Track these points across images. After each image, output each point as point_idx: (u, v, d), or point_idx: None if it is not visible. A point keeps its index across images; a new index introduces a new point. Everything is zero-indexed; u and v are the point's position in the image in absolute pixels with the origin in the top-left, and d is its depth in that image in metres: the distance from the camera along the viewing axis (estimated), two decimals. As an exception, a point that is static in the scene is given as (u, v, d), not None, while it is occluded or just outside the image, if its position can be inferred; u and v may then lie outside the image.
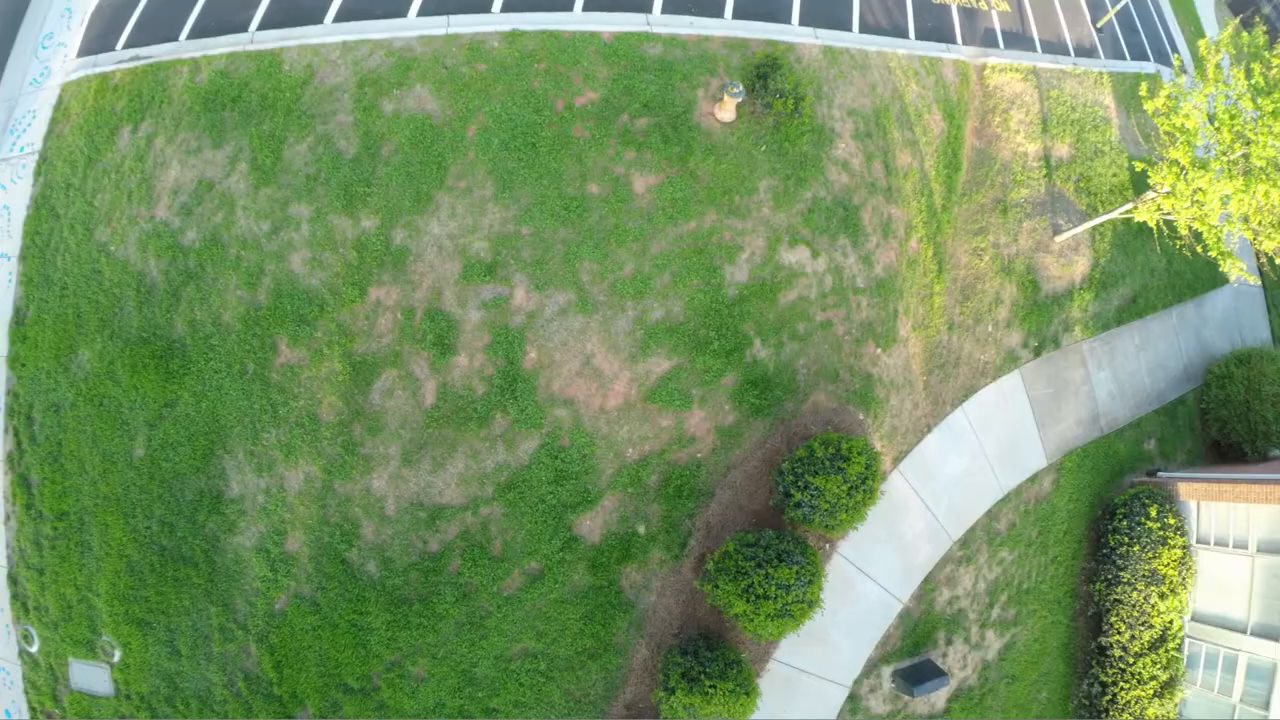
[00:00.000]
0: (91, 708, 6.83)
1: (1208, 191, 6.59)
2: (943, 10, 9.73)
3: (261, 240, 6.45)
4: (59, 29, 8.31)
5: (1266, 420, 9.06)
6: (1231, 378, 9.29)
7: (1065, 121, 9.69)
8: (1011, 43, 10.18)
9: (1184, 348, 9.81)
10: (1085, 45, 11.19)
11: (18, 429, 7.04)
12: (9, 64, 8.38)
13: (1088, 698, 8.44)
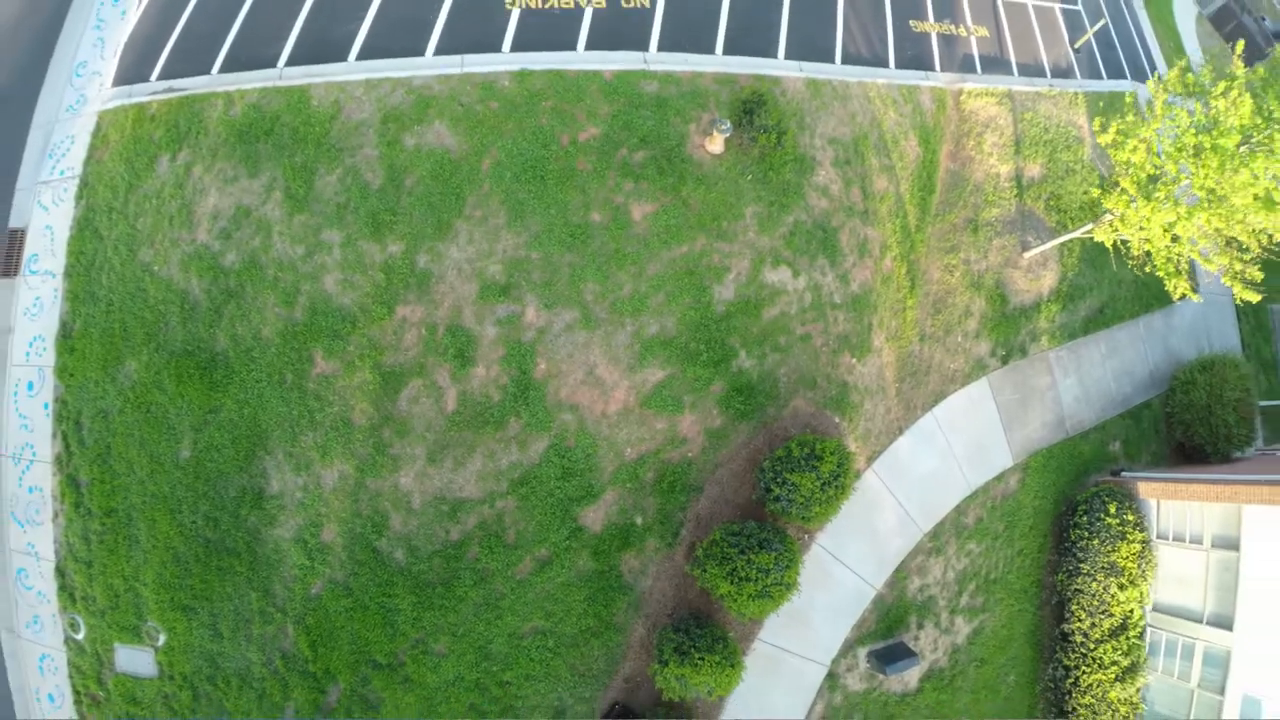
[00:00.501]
0: (136, 688, 8.05)
1: (1151, 220, 7.91)
2: (922, 39, 11.09)
3: (297, 263, 7.71)
4: (92, 58, 9.56)
5: (1228, 424, 10.42)
6: (1195, 383, 10.64)
7: (1038, 142, 11.06)
8: (989, 67, 11.56)
9: (1150, 355, 11.18)
10: (1062, 66, 12.58)
11: (66, 433, 8.27)
12: (43, 90, 9.63)
13: (1053, 681, 9.77)
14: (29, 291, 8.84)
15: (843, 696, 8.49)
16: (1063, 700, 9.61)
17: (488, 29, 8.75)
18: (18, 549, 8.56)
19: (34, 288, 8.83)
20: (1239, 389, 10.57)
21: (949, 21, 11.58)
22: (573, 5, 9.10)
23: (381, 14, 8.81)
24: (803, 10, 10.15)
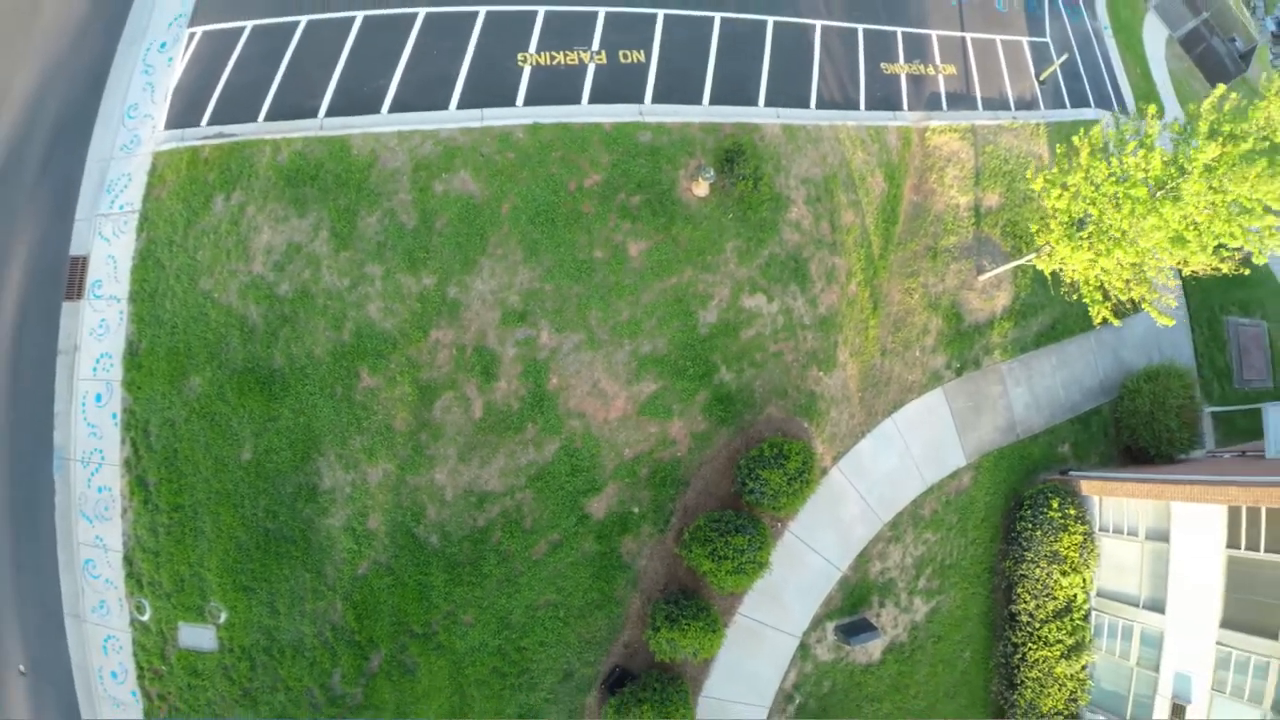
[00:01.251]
0: (197, 662, 10.35)
1: (1069, 258, 10.31)
2: (892, 80, 13.59)
3: (344, 293, 10.05)
4: (143, 101, 11.90)
5: (1170, 429, 12.87)
6: (1140, 392, 13.11)
7: (997, 174, 13.55)
8: (955, 103, 14.06)
9: (1100, 366, 13.67)
10: (1027, 98, 15.10)
11: (135, 439, 10.55)
12: (96, 129, 11.96)
13: (1004, 656, 12.20)
14: (94, 314, 11.15)
15: (813, 665, 10.90)
16: (1013, 674, 12.06)
17: (503, 84, 11.16)
18: (85, 542, 10.85)
19: (99, 310, 11.14)
20: (1182, 397, 13.04)
21: (919, 62, 14.09)
22: (576, 62, 11.53)
23: (409, 70, 11.20)
24: (781, 59, 12.63)
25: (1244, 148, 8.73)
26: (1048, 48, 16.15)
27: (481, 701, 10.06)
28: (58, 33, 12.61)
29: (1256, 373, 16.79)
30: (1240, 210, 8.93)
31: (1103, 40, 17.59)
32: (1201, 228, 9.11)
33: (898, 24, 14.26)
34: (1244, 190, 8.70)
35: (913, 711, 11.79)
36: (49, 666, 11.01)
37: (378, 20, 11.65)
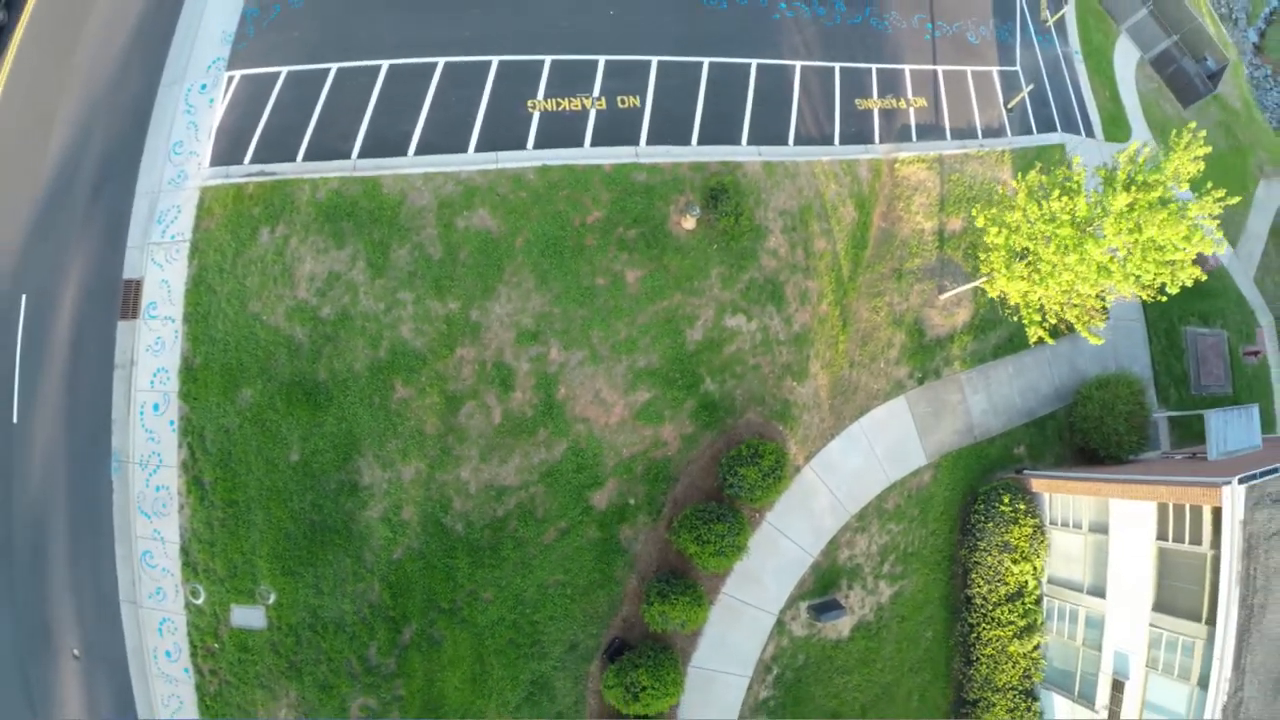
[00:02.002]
0: (247, 639, 13.09)
1: (1006, 287, 13.13)
2: (866, 115, 16.49)
3: (379, 316, 12.83)
4: (187, 139, 14.69)
5: (1118, 432, 15.73)
6: (1091, 398, 16.00)
7: (961, 200, 16.46)
8: (924, 134, 16.97)
9: (1056, 374, 16.57)
10: (994, 126, 18.03)
11: (191, 443, 13.29)
12: (142, 164, 14.73)
13: (961, 636, 15.08)
14: (150, 332, 13.92)
15: (789, 640, 13.76)
16: (970, 651, 14.93)
17: (514, 129, 14.00)
18: (144, 536, 13.60)
19: (154, 329, 13.91)
20: (1131, 403, 15.92)
21: (891, 96, 17.00)
22: (580, 107, 14.39)
23: (431, 116, 14.01)
24: (763, 99, 15.51)
25: (1154, 195, 11.52)
26: (1017, 76, 19.10)
27: (499, 669, 12.87)
28: (97, 69, 15.42)
29: (1215, 379, 19.80)
30: (1154, 247, 11.69)
31: (1073, 65, 20.56)
32: (1122, 262, 11.87)
33: (873, 61, 17.18)
34: (1154, 232, 11.48)
35: (880, 684, 14.68)
36: (104, 649, 13.78)
37: (402, 69, 14.48)
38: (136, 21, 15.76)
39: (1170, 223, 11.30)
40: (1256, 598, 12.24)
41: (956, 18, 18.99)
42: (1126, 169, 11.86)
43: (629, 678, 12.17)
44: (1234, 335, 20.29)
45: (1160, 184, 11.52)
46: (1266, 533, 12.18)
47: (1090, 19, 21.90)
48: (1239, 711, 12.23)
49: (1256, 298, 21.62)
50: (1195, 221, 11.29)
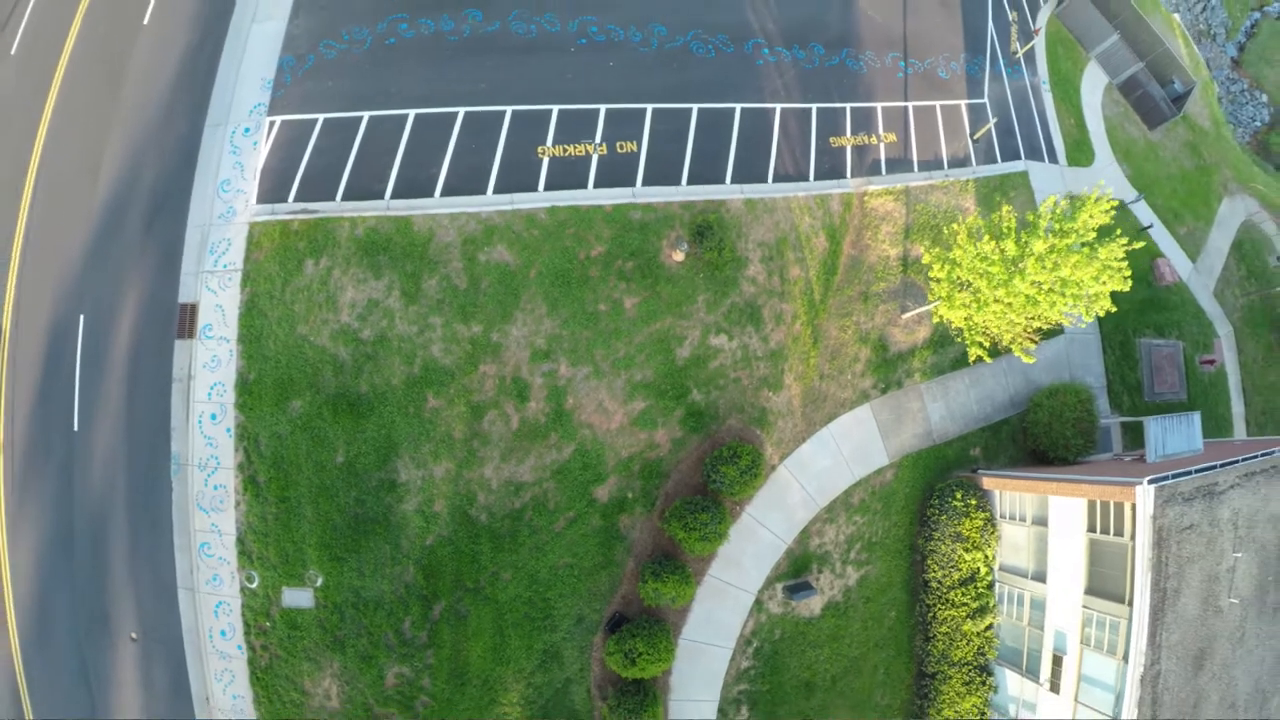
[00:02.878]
0: (296, 617, 17.04)
1: (948, 313, 17.17)
2: (839, 151, 20.55)
3: (413, 338, 16.80)
4: (234, 178, 18.66)
5: (1066, 437, 19.79)
6: (1041, 406, 20.09)
7: (925, 227, 20.52)
8: (893, 167, 21.03)
9: (1011, 384, 20.64)
10: (960, 157, 22.12)
11: (247, 448, 17.22)
12: (193, 200, 18.70)
13: (921, 616, 19.13)
14: (205, 350, 17.86)
15: (766, 616, 17.78)
16: (928, 629, 18.99)
17: (527, 173, 18.01)
18: (202, 529, 17.53)
19: (210, 349, 17.86)
20: (1078, 410, 19.97)
21: (863, 133, 21.06)
22: (584, 153, 18.41)
23: (454, 162, 17.99)
24: (746, 142, 19.55)
25: (1068, 241, 15.45)
26: (985, 108, 23.22)
27: (516, 640, 16.87)
28: (142, 111, 19.41)
29: (1169, 386, 23.97)
30: (1070, 284, 15.61)
31: (1039, 94, 24.68)
32: (1045, 295, 15.77)
33: (847, 100, 21.25)
34: (1068, 272, 15.40)
35: (848, 657, 18.74)
36: (160, 631, 17.73)
37: (427, 117, 18.47)
38: (177, 66, 19.78)
39: (1082, 264, 15.29)
40: (1170, 583, 16.23)
41: (928, 54, 23.11)
42: (1047, 218, 15.82)
43: (627, 645, 16.15)
44: (1190, 346, 24.46)
45: (1073, 231, 15.47)
46: (1178, 527, 16.19)
47: (1059, 48, 26.06)
48: (1157, 682, 16.24)
49: (1216, 310, 25.80)
50: (1105, 262, 15.26)
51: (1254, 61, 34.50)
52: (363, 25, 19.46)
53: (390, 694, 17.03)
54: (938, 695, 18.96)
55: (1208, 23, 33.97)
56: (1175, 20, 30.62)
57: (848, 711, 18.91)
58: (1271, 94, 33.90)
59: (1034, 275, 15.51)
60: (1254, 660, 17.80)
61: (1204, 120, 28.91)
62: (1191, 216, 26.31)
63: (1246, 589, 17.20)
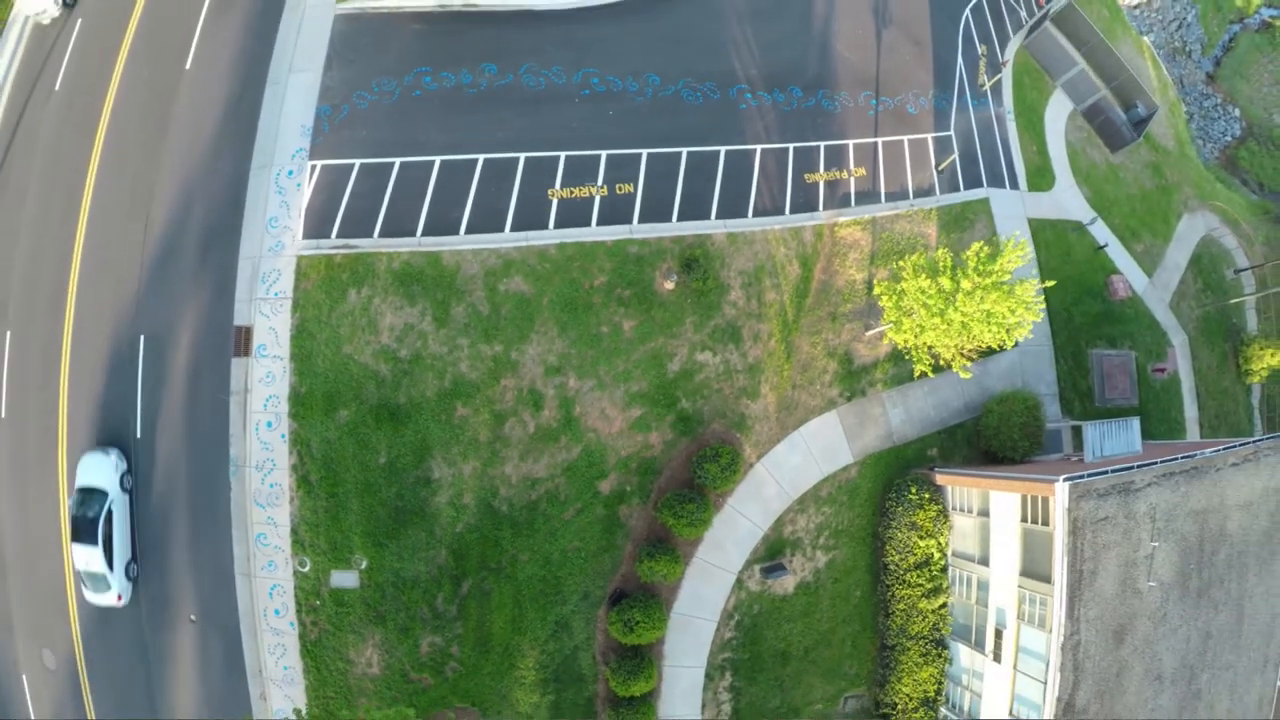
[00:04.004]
0: (343, 596, 23.08)
1: (894, 335, 23.37)
2: (812, 186, 26.68)
3: (444, 356, 22.89)
4: (280, 215, 24.70)
5: (1014, 439, 26.02)
6: (992, 411, 26.32)
7: (889, 253, 26.67)
8: (862, 199, 27.16)
9: (966, 392, 26.80)
10: (925, 187, 28.28)
11: (300, 451, 23.24)
12: (243, 234, 24.72)
13: (881, 595, 25.32)
14: (261, 367, 23.87)
15: (746, 594, 23.93)
16: (887, 607, 25.16)
17: (539, 213, 24.07)
18: (258, 522, 23.55)
19: (265, 366, 23.87)
20: (1025, 415, 26.15)
21: (835, 169, 27.17)
22: (588, 195, 24.48)
23: (475, 203, 24.02)
24: (729, 180, 25.65)
25: (990, 280, 21.51)
26: (950, 140, 29.38)
27: (532, 612, 22.96)
28: (189, 154, 25.46)
29: (1120, 393, 30.21)
30: (992, 315, 21.67)
31: (1004, 124, 30.85)
32: (975, 323, 21.82)
33: (821, 139, 27.34)
34: (990, 306, 21.46)
35: (819, 631, 24.88)
36: (218, 612, 23.78)
37: (451, 163, 24.49)
38: (221, 110, 25.84)
39: (1001, 300, 21.38)
40: (1086, 565, 22.26)
41: (899, 91, 29.27)
42: (973, 261, 21.87)
43: (627, 616, 22.22)
44: (1143, 355, 30.71)
45: (993, 273, 21.53)
46: (1093, 518, 22.21)
47: (1026, 78, 32.27)
48: (1078, 651, 22.28)
49: (1171, 321, 32.05)
50: (1020, 299, 21.31)
51: (1229, 76, 40.78)
52: (391, 78, 25.47)
53: (424, 660, 23.08)
54: (898, 665, 25.09)
55: (1183, 40, 40.20)
56: (1145, 43, 36.89)
57: (819, 679, 25.07)
58: (1244, 108, 40.18)
59: (964, 307, 21.60)
60: (1179, 639, 23.89)
61: (1168, 141, 35.19)
62: (1149, 234, 32.55)
63: (1167, 574, 23.28)
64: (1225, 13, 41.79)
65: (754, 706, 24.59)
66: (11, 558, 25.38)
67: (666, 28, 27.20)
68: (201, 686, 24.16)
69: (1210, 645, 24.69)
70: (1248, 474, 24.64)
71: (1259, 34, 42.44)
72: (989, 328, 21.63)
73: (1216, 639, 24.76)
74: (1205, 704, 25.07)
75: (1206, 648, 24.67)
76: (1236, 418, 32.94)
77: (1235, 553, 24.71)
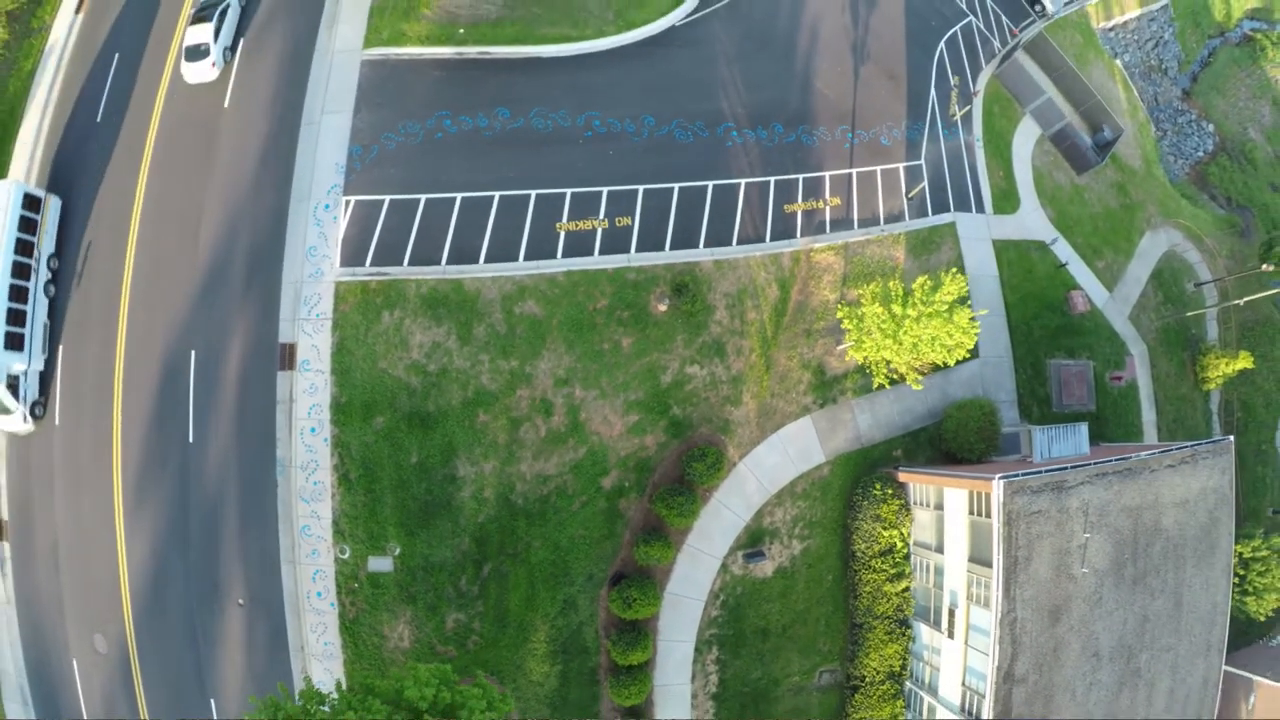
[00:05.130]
0: (379, 579, 30.86)
1: (853, 353, 31.37)
2: (791, 216, 34.51)
3: (467, 370, 30.65)
4: (319, 245, 32.46)
5: (971, 441, 33.97)
6: (951, 416, 34.25)
7: (860, 275, 34.53)
8: (836, 226, 35.01)
9: (929, 399, 34.66)
10: (895, 213, 36.13)
11: (341, 453, 30.99)
12: (285, 262, 32.47)
13: (850, 579, 33.22)
14: (305, 380, 31.63)
15: (730, 577, 31.80)
16: (856, 589, 33.06)
17: (549, 243, 31.84)
18: (303, 515, 31.32)
19: (308, 378, 31.62)
20: (982, 420, 34.05)
21: (813, 199, 34.95)
22: (591, 227, 32.25)
23: (493, 235, 31.76)
24: (716, 212, 33.43)
25: (931, 309, 29.38)
26: (921, 168, 37.20)
27: (544, 592, 30.76)
28: (233, 185, 33.21)
29: (1077, 399, 38.10)
30: (935, 339, 29.59)
31: (973, 152, 38.68)
32: (922, 344, 29.75)
33: (800, 171, 35.10)
34: (932, 331, 29.34)
35: (795, 611, 32.74)
36: (265, 596, 31.58)
37: (470, 200, 32.20)
38: (260, 147, 33.58)
39: (942, 325, 29.27)
40: (1020, 552, 30.10)
41: (874, 124, 37.08)
42: (918, 292, 29.69)
43: (625, 594, 29.99)
44: (1101, 364, 38.60)
45: (934, 302, 29.38)
46: (1026, 512, 30.04)
47: (996, 106, 40.11)
48: (1015, 626, 30.10)
49: (1130, 331, 39.95)
50: (957, 324, 29.17)
51: (1205, 91, 48.66)
52: (415, 121, 33.15)
53: (449, 635, 30.80)
54: (866, 642, 32.90)
55: (1159, 58, 48.07)
56: (1117, 66, 44.77)
57: (796, 654, 32.87)
58: (1219, 123, 48.08)
59: (911, 330, 29.46)
60: (1115, 620, 31.67)
61: (1135, 161, 43.10)
62: (1112, 251, 40.44)
63: (1101, 563, 31.06)
64: (1204, 28, 49.64)
65: (738, 677, 32.40)
66: (65, 552, 33.09)
67: (661, 72, 34.96)
68: (247, 663, 31.90)
69: (1149, 628, 32.51)
70: (1184, 475, 32.55)
71: (1239, 47, 50.34)
72: (933, 348, 29.48)
73: (1155, 623, 32.59)
74: (1146, 681, 33.00)
75: (1144, 630, 32.48)
76: (1194, 421, 40.86)
77: (1171, 546, 32.58)
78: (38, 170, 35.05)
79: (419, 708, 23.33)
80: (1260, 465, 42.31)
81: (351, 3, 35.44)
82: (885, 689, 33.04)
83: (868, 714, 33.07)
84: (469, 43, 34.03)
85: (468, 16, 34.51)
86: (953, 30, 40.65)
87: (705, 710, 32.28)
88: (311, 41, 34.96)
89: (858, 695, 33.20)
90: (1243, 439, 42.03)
